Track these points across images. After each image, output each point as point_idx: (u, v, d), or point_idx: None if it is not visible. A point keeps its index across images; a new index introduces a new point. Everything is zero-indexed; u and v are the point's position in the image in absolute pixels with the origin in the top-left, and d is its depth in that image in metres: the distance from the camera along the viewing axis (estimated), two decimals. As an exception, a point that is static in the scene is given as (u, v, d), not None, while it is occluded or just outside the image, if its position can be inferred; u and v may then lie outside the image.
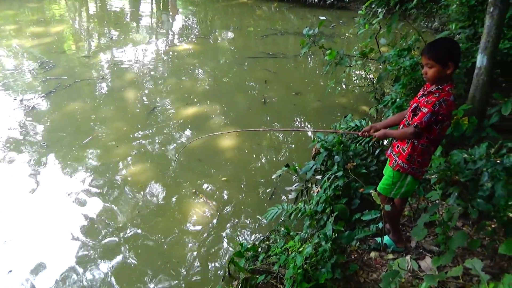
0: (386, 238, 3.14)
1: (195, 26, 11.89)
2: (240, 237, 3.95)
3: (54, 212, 4.16)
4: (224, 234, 3.99)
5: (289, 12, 13.37)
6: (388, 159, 2.89)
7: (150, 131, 5.69)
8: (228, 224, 4.12)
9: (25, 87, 6.87)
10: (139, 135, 5.57)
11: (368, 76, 5.95)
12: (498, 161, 2.81)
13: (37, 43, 9.04)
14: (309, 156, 4.55)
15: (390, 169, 2.80)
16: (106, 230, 3.96)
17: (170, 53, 9.21)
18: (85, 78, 7.25)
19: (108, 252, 3.72)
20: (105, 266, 3.58)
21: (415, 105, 2.60)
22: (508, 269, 2.65)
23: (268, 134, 5.70)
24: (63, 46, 9.01)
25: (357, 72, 7.93)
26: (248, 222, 4.17)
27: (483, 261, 2.83)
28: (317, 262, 2.76)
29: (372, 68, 7.26)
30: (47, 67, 7.62)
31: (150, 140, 5.49)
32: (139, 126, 5.78)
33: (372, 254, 3.11)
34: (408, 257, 2.50)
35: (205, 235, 3.96)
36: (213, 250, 3.81)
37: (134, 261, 3.65)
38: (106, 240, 3.86)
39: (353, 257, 3.10)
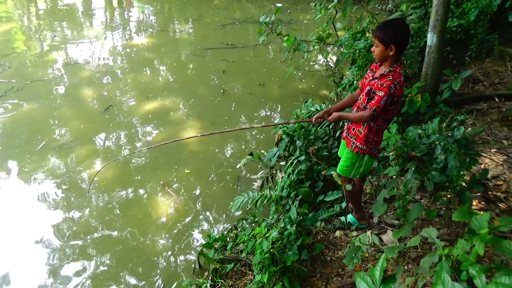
0: (349, 217, 3.22)
1: (152, 19, 11.61)
2: (208, 228, 3.94)
3: (18, 221, 3.99)
4: (192, 226, 3.96)
5: (247, 1, 13.29)
6: (344, 142, 2.94)
7: (110, 128, 5.54)
8: (196, 216, 4.10)
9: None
10: (99, 134, 5.41)
11: (326, 61, 6.02)
12: (450, 134, 2.92)
13: (-18, 44, 8.58)
14: (273, 143, 4.58)
15: (348, 151, 2.84)
16: (73, 233, 3.85)
17: (128, 48, 8.96)
18: (38, 79, 6.94)
19: (78, 254, 3.63)
20: (76, 268, 3.50)
21: (368, 88, 2.63)
22: (463, 235, 2.78)
23: (231, 125, 5.68)
24: (13, 46, 8.57)
25: (316, 57, 8.01)
26: (215, 212, 4.16)
27: (441, 229, 2.96)
28: (284, 245, 2.80)
29: (330, 52, 7.35)
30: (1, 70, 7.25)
31: (110, 137, 5.35)
32: (98, 124, 5.61)
33: (337, 233, 3.19)
34: (368, 232, 2.57)
35: (173, 229, 3.92)
36: (183, 243, 3.78)
37: (104, 260, 3.58)
38: (74, 242, 3.75)
39: (319, 237, 3.16)
